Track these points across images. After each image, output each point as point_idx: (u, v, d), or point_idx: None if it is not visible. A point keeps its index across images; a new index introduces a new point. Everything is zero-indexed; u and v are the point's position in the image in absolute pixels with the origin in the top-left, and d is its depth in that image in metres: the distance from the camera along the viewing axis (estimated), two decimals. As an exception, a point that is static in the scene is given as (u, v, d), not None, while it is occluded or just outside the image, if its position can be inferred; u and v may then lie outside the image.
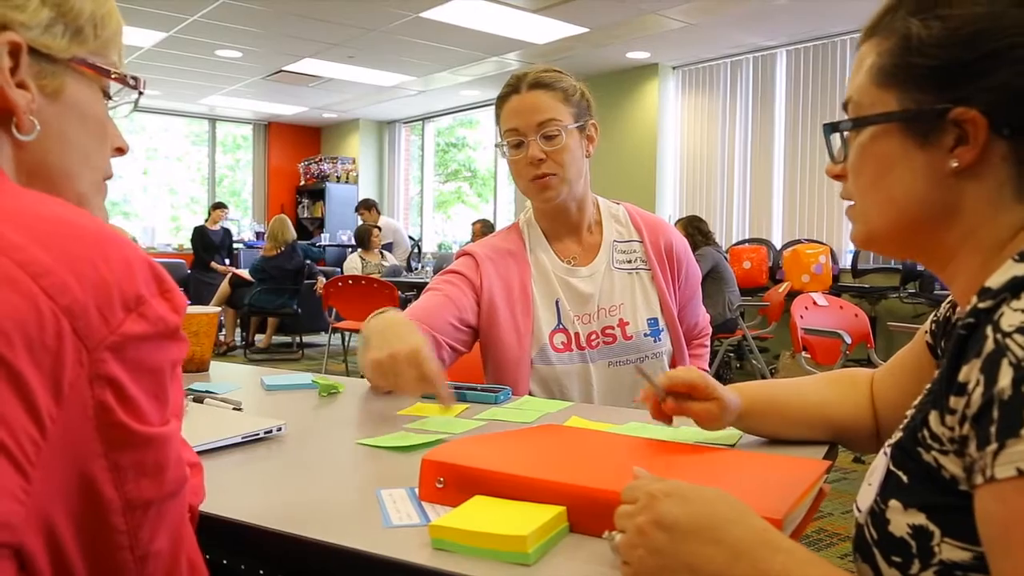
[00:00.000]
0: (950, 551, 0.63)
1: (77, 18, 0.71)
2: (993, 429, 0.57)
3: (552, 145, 1.59)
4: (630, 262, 1.71)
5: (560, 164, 1.60)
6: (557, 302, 1.66)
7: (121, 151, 0.82)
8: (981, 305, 0.63)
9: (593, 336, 1.65)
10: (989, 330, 0.60)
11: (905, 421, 0.73)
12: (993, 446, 0.56)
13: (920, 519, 0.66)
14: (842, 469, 3.99)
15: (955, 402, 0.62)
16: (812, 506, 0.85)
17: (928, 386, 0.74)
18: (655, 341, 1.67)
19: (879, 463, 0.74)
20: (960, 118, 0.69)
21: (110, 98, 0.78)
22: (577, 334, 1.64)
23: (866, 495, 0.74)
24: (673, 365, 1.73)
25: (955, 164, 0.70)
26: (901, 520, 0.67)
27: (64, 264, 0.56)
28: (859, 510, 0.75)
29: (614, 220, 1.76)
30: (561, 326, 1.65)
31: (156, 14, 6.47)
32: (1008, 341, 0.58)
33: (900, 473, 0.70)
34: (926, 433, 0.67)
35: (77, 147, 0.73)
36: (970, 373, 0.60)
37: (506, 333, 1.63)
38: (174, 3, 6.22)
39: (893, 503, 0.69)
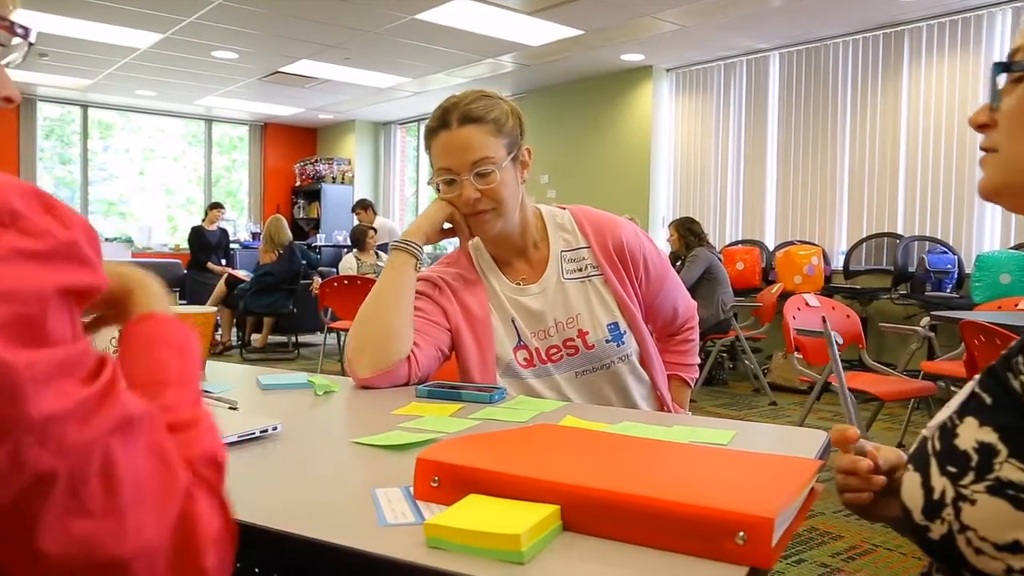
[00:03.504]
0: (1011, 471, 0.64)
1: None
2: None
3: (486, 183, 1.55)
4: (580, 270, 1.68)
5: (496, 200, 1.57)
6: (513, 320, 1.64)
7: (9, 100, 0.76)
8: None
9: (554, 350, 1.63)
10: None
11: (1005, 351, 0.74)
12: None
13: (992, 437, 0.67)
14: (834, 469, 3.98)
15: None
16: (804, 505, 0.85)
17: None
18: (618, 345, 1.65)
19: (965, 388, 0.75)
20: None
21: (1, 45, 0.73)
22: (537, 349, 1.63)
23: (941, 414, 0.76)
24: (643, 364, 1.71)
25: None
26: (971, 435, 0.69)
27: None
28: (928, 427, 0.77)
29: (560, 229, 1.71)
30: (522, 343, 1.64)
31: (153, 15, 6.45)
32: None
33: (984, 395, 0.71)
34: (1020, 359, 0.68)
35: None
36: None
37: (471, 353, 1.62)
38: (171, 5, 6.21)
39: (969, 419, 0.70)
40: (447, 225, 1.64)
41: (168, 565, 0.59)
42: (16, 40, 0.73)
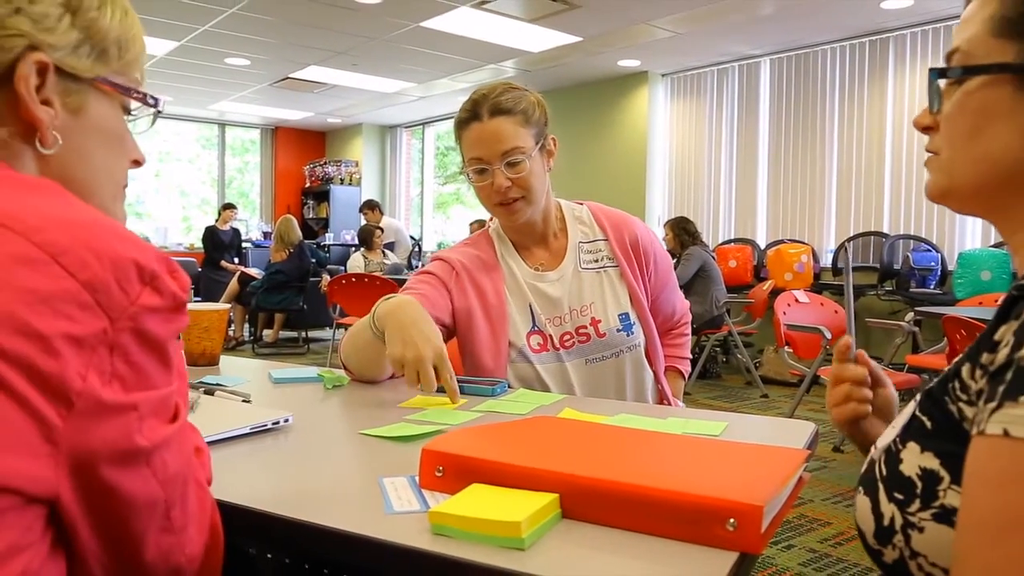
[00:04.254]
0: (955, 497, 0.62)
1: (103, 40, 0.72)
2: (1001, 389, 0.56)
3: (517, 172, 1.55)
4: (597, 261, 1.68)
5: (526, 188, 1.57)
6: (530, 306, 1.64)
7: (137, 163, 0.82)
8: None
9: (567, 336, 1.63)
10: None
11: (943, 372, 0.72)
12: (993, 404, 0.56)
13: (934, 464, 0.65)
14: (823, 458, 4.00)
15: (986, 358, 0.61)
16: (792, 493, 0.85)
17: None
18: (628, 335, 1.65)
19: (907, 409, 0.73)
20: None
21: (130, 113, 0.79)
22: (551, 335, 1.63)
23: (887, 436, 0.74)
24: (648, 355, 1.71)
25: None
26: (914, 461, 0.67)
27: (81, 243, 0.58)
28: (876, 448, 0.75)
29: (578, 222, 1.73)
30: (536, 328, 1.63)
31: (169, 24, 6.45)
32: None
33: (924, 419, 0.69)
34: (956, 384, 0.66)
35: (97, 161, 0.74)
36: (1005, 333, 0.59)
37: (483, 337, 1.61)
38: (186, 14, 6.21)
39: (911, 445, 0.68)
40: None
41: (201, 569, 0.70)
42: (145, 106, 0.79)
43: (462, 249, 1.72)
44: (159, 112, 0.81)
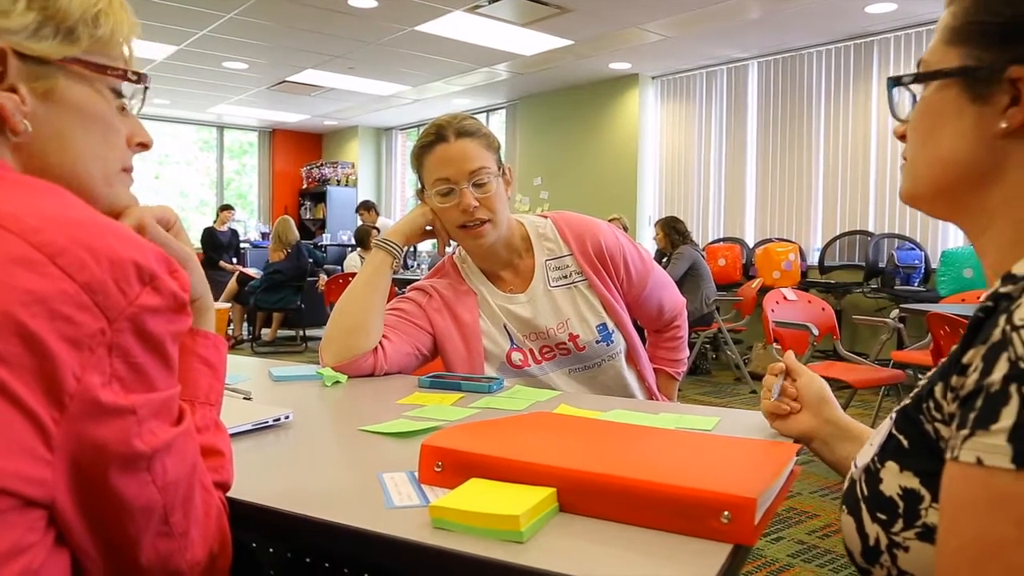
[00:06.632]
0: (937, 516, 0.61)
1: (66, 19, 0.67)
2: (972, 416, 0.56)
3: (484, 192, 1.54)
4: (566, 277, 1.65)
5: (492, 210, 1.55)
6: (505, 326, 1.62)
7: (144, 146, 0.79)
8: (1002, 290, 0.60)
9: (547, 349, 1.62)
10: (1002, 320, 0.57)
11: (916, 389, 0.71)
12: (966, 431, 0.56)
13: (914, 483, 0.65)
14: (810, 452, 4.00)
15: (956, 381, 0.60)
16: (784, 486, 0.86)
17: (942, 360, 0.73)
18: (608, 345, 1.64)
19: (884, 426, 0.73)
20: (1015, 76, 0.65)
21: (121, 94, 0.75)
22: (531, 350, 1.62)
23: (865, 454, 0.73)
24: (632, 359, 1.70)
25: (1004, 125, 0.66)
26: (894, 481, 0.66)
27: (79, 244, 0.56)
28: (855, 466, 0.74)
29: (543, 239, 1.68)
30: (515, 345, 1.62)
31: (168, 29, 6.43)
32: (1014, 335, 0.55)
33: (901, 437, 0.68)
34: (931, 404, 0.65)
35: (79, 145, 0.70)
36: (974, 357, 0.58)
37: (458, 358, 1.60)
38: (185, 18, 6.18)
39: (890, 464, 0.68)
40: (428, 228, 1.64)
41: (206, 574, 0.69)
42: (133, 87, 0.76)
43: (432, 279, 1.71)
44: (147, 88, 0.77)
